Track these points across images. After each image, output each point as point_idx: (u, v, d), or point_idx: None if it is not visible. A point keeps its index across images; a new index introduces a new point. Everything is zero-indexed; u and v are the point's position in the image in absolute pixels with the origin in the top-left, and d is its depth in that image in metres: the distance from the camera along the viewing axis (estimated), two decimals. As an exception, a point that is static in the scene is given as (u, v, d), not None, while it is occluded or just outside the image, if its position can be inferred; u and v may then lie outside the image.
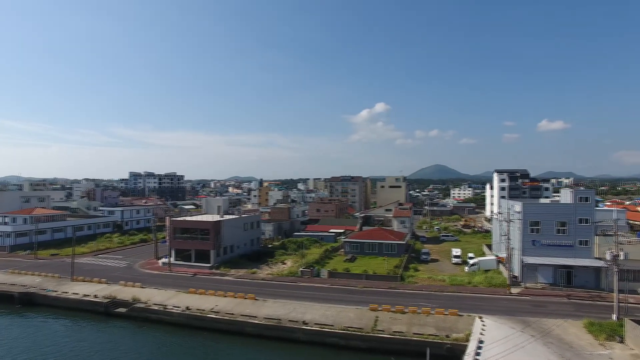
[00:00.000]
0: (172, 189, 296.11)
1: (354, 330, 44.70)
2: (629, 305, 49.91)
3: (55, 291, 61.20)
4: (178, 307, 52.93)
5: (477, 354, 36.87)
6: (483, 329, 42.86)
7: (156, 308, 53.38)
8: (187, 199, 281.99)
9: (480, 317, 46.85)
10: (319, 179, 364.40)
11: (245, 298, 56.13)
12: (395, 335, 43.30)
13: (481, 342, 39.52)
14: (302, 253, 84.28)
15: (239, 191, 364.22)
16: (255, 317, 49.27)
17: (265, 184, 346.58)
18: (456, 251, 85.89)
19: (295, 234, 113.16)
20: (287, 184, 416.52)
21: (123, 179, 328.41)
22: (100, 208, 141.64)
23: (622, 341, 40.43)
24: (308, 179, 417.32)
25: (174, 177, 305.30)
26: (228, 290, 59.06)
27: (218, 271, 74.70)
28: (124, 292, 59.61)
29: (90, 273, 71.79)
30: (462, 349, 38.73)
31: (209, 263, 77.28)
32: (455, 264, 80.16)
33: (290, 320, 47.84)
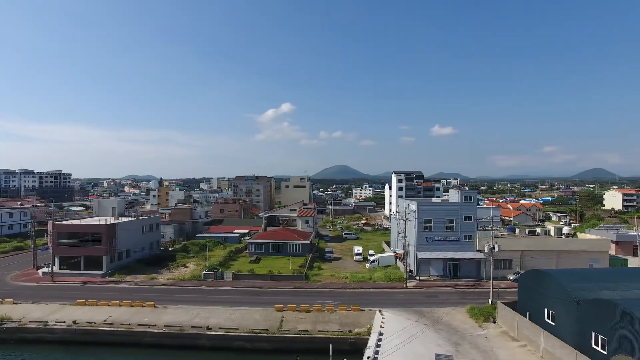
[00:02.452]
0: (57, 189, 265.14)
1: (260, 332, 44.39)
2: (501, 290, 57.19)
3: None
4: (63, 322, 47.30)
5: (378, 345, 39.06)
6: (383, 322, 45.55)
7: (34, 326, 46.64)
8: (75, 200, 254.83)
9: (380, 311, 49.70)
10: (223, 178, 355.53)
11: (144, 306, 52.47)
12: (300, 334, 43.92)
13: (381, 334, 41.97)
14: (205, 255, 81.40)
15: (137, 191, 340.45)
16: (154, 325, 46.28)
17: (166, 184, 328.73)
18: (358, 249, 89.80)
19: (198, 235, 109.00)
20: (189, 184, 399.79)
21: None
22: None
23: (495, 321, 46.16)
24: (211, 178, 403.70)
25: (58, 176, 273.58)
26: (124, 299, 54.62)
27: (112, 279, 68.74)
28: (-8, 310, 51.17)
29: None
30: (364, 342, 40.67)
31: (101, 270, 70.68)
32: (357, 261, 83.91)
33: (193, 327, 45.85)
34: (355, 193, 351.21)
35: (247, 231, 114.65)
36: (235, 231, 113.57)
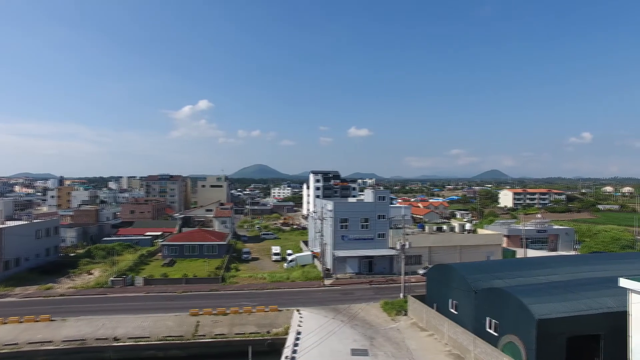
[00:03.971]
0: None
1: (173, 339, 42.38)
2: (412, 284, 61.00)
3: None
4: None
5: (296, 344, 39.40)
6: (300, 321, 46.02)
7: None
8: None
9: (298, 310, 50.14)
10: (134, 177, 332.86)
11: (37, 320, 47.05)
12: (217, 338, 42.76)
13: (299, 333, 42.39)
14: (113, 260, 75.71)
15: (31, 191, 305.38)
16: (50, 341, 41.75)
17: (68, 183, 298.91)
18: (276, 249, 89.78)
19: (105, 239, 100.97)
20: (96, 183, 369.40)
21: None
22: None
23: (406, 314, 49.05)
24: (121, 177, 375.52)
25: None
26: (10, 315, 48.32)
27: (-3, 291, 60.86)
28: None
29: None
30: (282, 342, 40.77)
31: (-17, 282, 62.22)
32: (275, 261, 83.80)
33: (97, 339, 42.29)
34: (273, 193, 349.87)
35: (160, 233, 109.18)
36: (147, 233, 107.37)
